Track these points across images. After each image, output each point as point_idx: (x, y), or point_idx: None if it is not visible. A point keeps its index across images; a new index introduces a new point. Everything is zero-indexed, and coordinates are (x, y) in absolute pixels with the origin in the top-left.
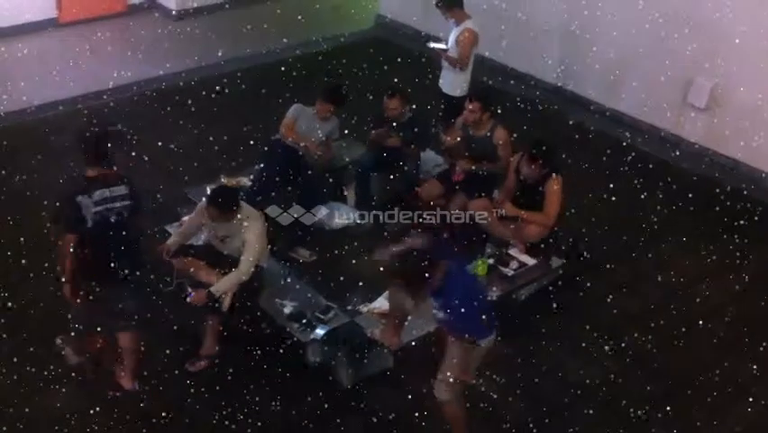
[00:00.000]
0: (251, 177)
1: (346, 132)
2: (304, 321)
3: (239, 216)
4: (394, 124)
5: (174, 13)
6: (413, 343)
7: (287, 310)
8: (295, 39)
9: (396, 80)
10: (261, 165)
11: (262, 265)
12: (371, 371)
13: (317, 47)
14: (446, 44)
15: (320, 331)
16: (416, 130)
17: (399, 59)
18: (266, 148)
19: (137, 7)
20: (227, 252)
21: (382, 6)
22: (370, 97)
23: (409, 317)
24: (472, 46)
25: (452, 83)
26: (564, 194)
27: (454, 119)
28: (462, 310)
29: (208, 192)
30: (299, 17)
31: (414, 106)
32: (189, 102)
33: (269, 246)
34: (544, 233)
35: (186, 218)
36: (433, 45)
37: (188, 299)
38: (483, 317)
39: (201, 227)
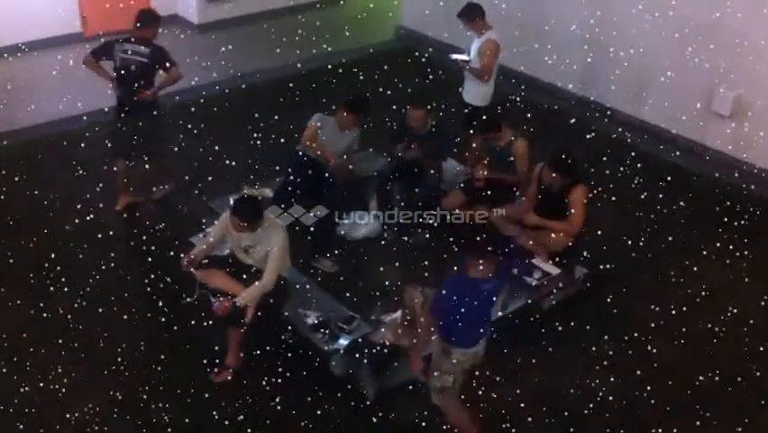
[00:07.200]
0: (277, 183)
1: (369, 144)
2: (327, 331)
3: (263, 226)
4: (414, 135)
5: (196, 26)
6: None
7: (310, 320)
8: (316, 51)
9: (418, 91)
10: (284, 176)
11: (284, 276)
12: (397, 381)
13: (339, 58)
14: (468, 55)
15: (343, 341)
16: (437, 142)
17: (421, 71)
18: (289, 159)
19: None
20: (251, 262)
21: (403, 18)
22: (393, 108)
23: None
24: (495, 56)
25: (476, 93)
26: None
27: (476, 130)
28: (446, 307)
29: (232, 203)
30: (321, 29)
31: (437, 117)
32: (211, 114)
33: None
34: (568, 242)
35: (209, 229)
36: (455, 56)
37: (213, 310)
38: (466, 325)
39: (225, 238)
